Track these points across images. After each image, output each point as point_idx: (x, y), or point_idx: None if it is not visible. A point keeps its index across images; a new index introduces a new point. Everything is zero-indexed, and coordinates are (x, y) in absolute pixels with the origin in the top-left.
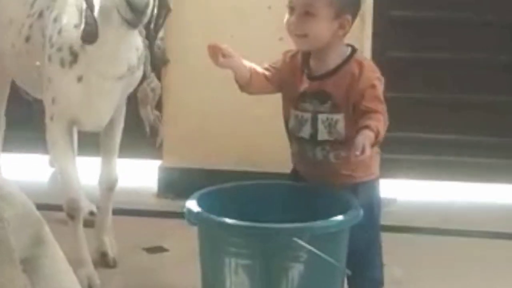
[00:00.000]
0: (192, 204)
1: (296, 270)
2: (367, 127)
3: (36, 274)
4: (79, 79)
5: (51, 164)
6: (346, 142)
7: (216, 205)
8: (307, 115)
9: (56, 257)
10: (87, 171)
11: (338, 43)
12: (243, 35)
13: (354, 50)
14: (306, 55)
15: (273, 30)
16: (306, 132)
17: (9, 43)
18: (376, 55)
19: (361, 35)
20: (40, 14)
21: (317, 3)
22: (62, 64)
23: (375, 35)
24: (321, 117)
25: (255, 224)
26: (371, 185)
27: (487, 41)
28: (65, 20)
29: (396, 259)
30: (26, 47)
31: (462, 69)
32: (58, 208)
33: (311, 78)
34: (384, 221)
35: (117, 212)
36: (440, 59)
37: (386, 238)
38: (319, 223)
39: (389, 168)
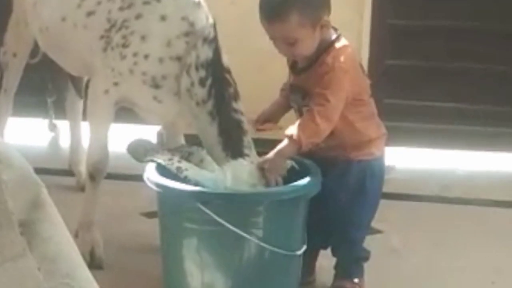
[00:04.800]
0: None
1: (208, 238)
2: (289, 137)
3: (34, 238)
4: (155, 98)
5: (50, 128)
6: (332, 132)
7: None
8: (295, 107)
9: (54, 220)
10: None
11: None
12: None
13: (337, 37)
14: None
15: None
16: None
17: (57, 17)
18: (376, 23)
19: (360, 4)
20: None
21: (292, 33)
22: (144, 82)
23: (374, 4)
24: (304, 110)
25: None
26: (368, 165)
27: (486, 9)
28: (153, 46)
29: (394, 226)
30: (85, 22)
31: (462, 37)
32: (57, 173)
33: (294, 72)
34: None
35: (115, 176)
36: (441, 27)
37: (384, 206)
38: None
39: (389, 136)
